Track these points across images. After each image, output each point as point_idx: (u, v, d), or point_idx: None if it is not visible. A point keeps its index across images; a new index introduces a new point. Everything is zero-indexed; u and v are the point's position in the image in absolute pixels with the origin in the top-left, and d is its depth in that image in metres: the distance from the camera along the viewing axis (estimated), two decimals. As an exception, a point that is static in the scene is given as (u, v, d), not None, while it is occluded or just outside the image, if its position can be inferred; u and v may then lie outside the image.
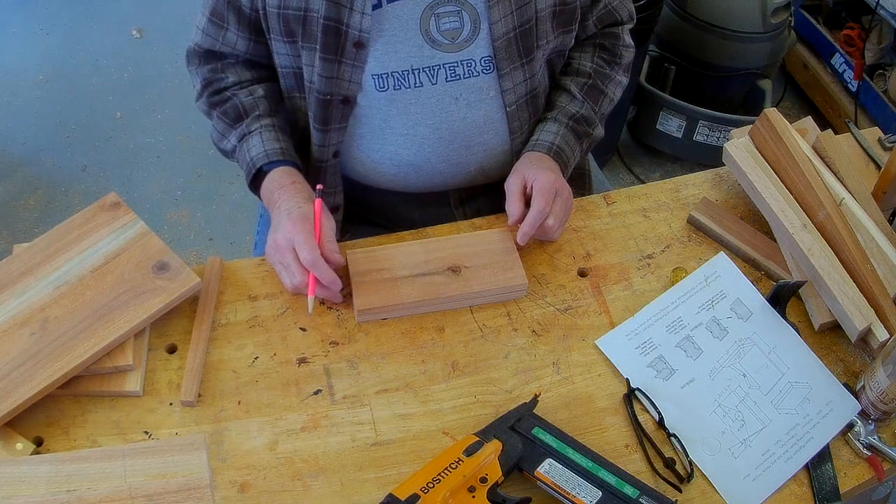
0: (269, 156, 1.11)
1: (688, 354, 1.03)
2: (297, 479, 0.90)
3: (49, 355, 0.93)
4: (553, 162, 1.16)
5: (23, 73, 2.78)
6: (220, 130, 1.18)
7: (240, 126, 1.15)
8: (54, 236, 1.05)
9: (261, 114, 1.15)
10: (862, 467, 0.96)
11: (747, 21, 2.26)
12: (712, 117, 2.35)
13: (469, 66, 1.09)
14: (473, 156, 1.18)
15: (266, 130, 1.14)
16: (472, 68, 1.10)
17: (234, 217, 2.38)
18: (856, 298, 1.04)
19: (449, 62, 1.08)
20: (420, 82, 1.09)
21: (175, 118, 2.65)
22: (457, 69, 1.09)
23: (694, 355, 1.03)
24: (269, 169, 1.12)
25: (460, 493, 0.83)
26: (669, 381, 1.01)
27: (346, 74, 1.07)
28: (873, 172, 1.25)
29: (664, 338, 1.04)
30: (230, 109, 1.16)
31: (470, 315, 1.07)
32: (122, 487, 0.84)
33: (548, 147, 1.17)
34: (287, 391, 0.98)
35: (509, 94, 1.13)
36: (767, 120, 1.16)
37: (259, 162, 1.11)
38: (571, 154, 1.20)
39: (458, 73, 1.09)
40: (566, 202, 1.11)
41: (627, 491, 0.86)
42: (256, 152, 1.12)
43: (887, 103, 2.44)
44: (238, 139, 1.15)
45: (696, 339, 1.04)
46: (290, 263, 1.01)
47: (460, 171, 1.20)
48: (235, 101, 1.16)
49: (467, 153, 1.18)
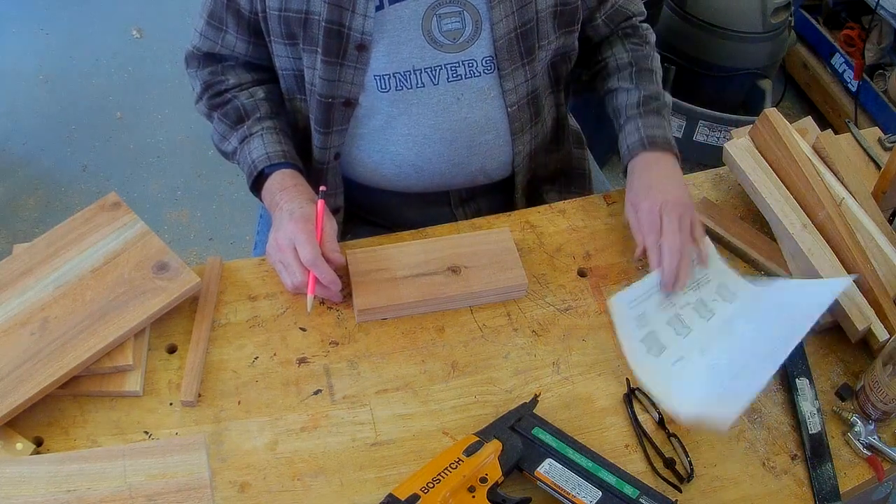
0: (271, 158, 1.11)
1: (677, 332, 1.03)
2: (297, 479, 0.90)
3: (49, 355, 0.93)
4: (651, 156, 1.14)
5: (23, 73, 2.78)
6: (220, 132, 1.18)
7: (241, 128, 1.15)
8: (54, 236, 1.05)
9: (262, 116, 1.15)
10: (862, 467, 0.96)
11: (747, 21, 2.26)
12: (712, 117, 2.35)
13: (471, 66, 1.09)
14: (475, 156, 1.18)
15: (267, 133, 1.13)
16: (473, 68, 1.10)
17: (234, 217, 2.38)
18: (856, 298, 1.04)
19: (451, 62, 1.08)
20: (422, 83, 1.09)
21: (175, 118, 2.65)
22: (458, 69, 1.09)
23: (683, 333, 1.03)
24: (270, 171, 1.11)
25: (460, 493, 0.83)
26: (660, 357, 1.00)
27: (348, 77, 1.07)
28: (873, 172, 1.25)
29: (656, 314, 1.04)
30: (231, 111, 1.16)
31: (470, 315, 1.07)
32: (122, 487, 0.84)
33: (640, 145, 1.15)
34: (287, 391, 0.98)
35: (511, 94, 1.13)
36: (767, 120, 1.16)
37: (261, 164, 1.11)
38: (664, 132, 1.18)
39: (459, 74, 1.09)
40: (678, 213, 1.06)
41: (627, 491, 0.86)
42: (258, 154, 1.12)
43: (887, 103, 2.44)
44: (239, 141, 1.15)
45: (683, 317, 1.04)
46: (291, 262, 1.01)
47: (461, 172, 1.20)
48: (236, 102, 1.16)
49: (468, 153, 1.18)
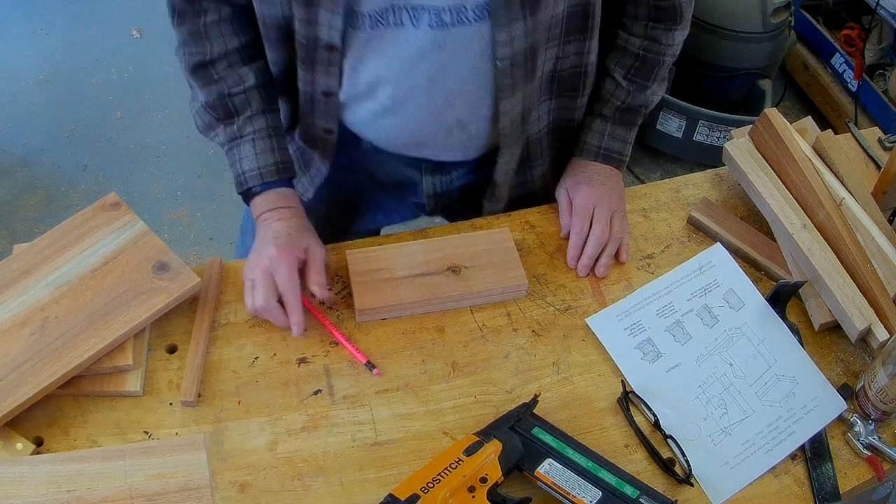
0: (263, 176, 1.07)
1: (676, 339, 1.04)
2: (296, 479, 0.90)
3: (49, 355, 0.93)
4: (600, 167, 1.13)
5: (23, 73, 2.78)
6: (205, 121, 1.12)
7: (230, 126, 1.10)
8: (54, 236, 1.05)
9: (253, 114, 1.09)
10: (862, 467, 0.96)
11: (747, 21, 2.26)
12: (712, 117, 2.35)
13: (460, 13, 0.98)
14: (453, 109, 1.09)
15: (259, 138, 1.08)
16: (463, 15, 0.98)
17: (234, 217, 2.38)
18: (856, 298, 1.04)
19: (435, 6, 0.97)
20: (400, 21, 0.99)
21: (175, 118, 2.65)
22: (444, 16, 0.98)
23: (682, 340, 1.04)
24: (262, 190, 1.08)
25: (460, 493, 0.83)
26: (655, 363, 1.01)
27: (325, 18, 0.98)
28: (873, 172, 1.25)
29: (654, 321, 1.05)
30: (218, 103, 1.09)
31: (470, 315, 1.07)
32: (122, 487, 0.84)
33: (595, 152, 1.14)
34: (287, 391, 0.98)
35: (504, 47, 1.00)
36: (767, 120, 1.16)
37: (252, 182, 1.07)
38: (624, 147, 1.16)
39: (444, 21, 0.98)
40: (611, 215, 1.05)
41: (627, 491, 0.86)
42: (249, 167, 1.07)
43: (887, 103, 2.44)
44: (228, 139, 1.10)
45: (685, 324, 1.05)
46: (259, 287, 1.00)
47: (438, 124, 1.11)
48: (224, 89, 1.08)
49: (446, 105, 1.08)
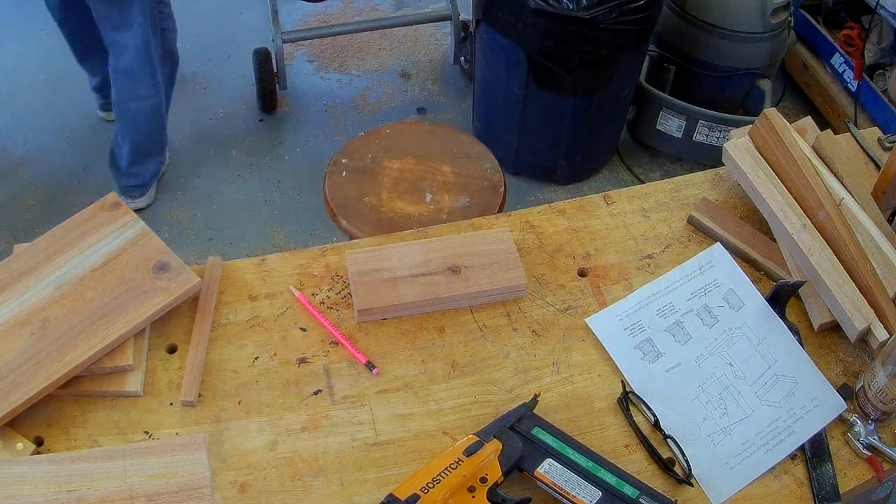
0: None
1: (676, 339, 1.04)
2: (296, 479, 0.90)
3: (49, 355, 0.93)
4: None
5: (23, 73, 2.78)
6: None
7: None
8: (55, 236, 1.05)
9: None
10: (862, 467, 0.96)
11: (747, 21, 2.26)
12: (712, 117, 2.35)
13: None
14: None
15: None
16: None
17: (234, 217, 2.38)
18: (855, 298, 1.04)
19: None
20: None
21: (175, 118, 2.64)
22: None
23: (682, 340, 1.04)
24: None
25: (460, 493, 0.83)
26: (655, 363, 1.02)
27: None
28: (873, 172, 1.25)
29: (654, 321, 1.05)
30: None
31: (470, 315, 1.07)
32: (123, 487, 0.84)
33: None
34: (287, 391, 0.98)
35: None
36: (767, 120, 1.16)
37: None
38: None
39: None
40: None
41: (627, 491, 0.86)
42: None
43: (887, 103, 2.44)
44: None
45: (685, 324, 1.05)
46: None
47: None
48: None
49: None
